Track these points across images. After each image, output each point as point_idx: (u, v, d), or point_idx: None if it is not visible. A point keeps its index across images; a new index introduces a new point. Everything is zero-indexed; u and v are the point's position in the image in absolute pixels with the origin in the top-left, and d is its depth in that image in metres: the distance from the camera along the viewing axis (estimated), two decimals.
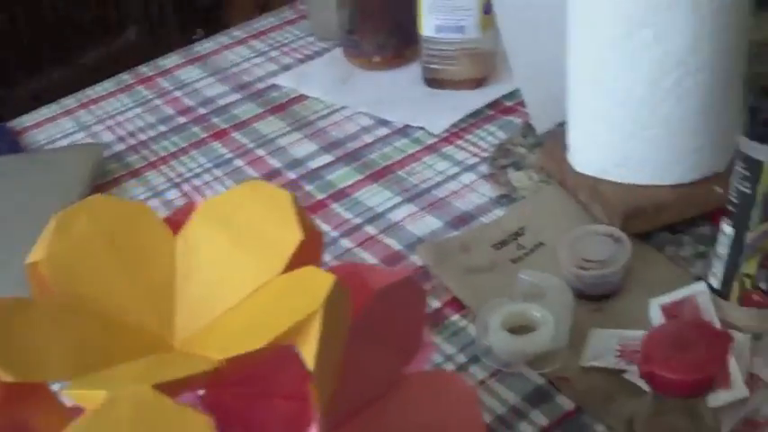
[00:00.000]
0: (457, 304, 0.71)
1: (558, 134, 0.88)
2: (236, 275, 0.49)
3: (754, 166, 0.60)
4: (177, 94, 1.11)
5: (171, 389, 0.41)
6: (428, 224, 0.80)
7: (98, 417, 0.39)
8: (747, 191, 0.60)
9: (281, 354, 0.45)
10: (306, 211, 0.51)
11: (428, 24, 0.99)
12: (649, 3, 0.68)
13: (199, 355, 0.45)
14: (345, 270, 0.51)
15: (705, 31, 0.68)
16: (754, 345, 0.61)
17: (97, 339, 0.48)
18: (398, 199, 0.85)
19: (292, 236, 0.49)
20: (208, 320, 0.49)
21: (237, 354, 0.43)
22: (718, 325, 0.61)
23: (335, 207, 0.85)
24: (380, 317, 0.49)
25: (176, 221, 0.56)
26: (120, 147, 1.01)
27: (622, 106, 0.72)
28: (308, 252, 0.50)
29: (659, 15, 0.68)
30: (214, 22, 1.92)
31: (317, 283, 0.45)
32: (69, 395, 0.41)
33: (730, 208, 0.62)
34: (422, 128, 0.95)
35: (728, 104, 0.73)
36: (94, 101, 1.12)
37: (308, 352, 0.42)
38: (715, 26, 0.68)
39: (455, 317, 0.70)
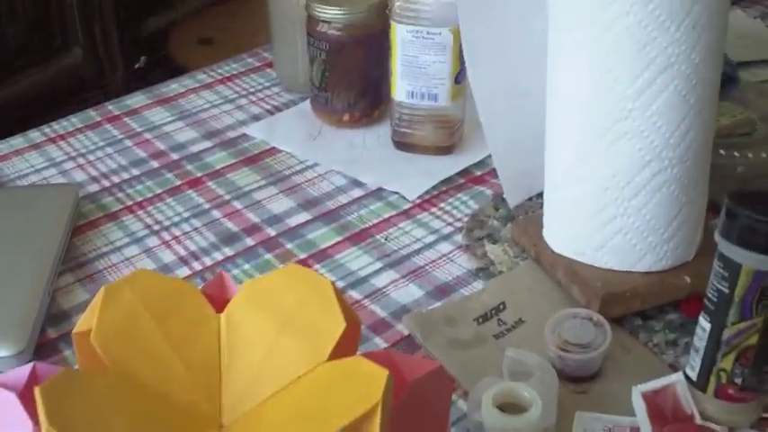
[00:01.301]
0: None
1: (528, 208, 0.93)
2: (282, 359, 0.52)
3: (732, 268, 0.65)
4: (147, 136, 1.12)
5: None
6: (411, 293, 0.84)
7: None
8: (725, 290, 0.66)
9: None
10: (344, 299, 0.54)
11: (400, 89, 1.03)
12: (627, 101, 0.73)
13: None
14: (381, 359, 0.54)
15: (683, 126, 0.74)
16: None
17: (149, 414, 0.50)
18: (379, 264, 0.88)
19: (336, 324, 0.52)
20: (255, 402, 0.51)
21: None
22: (696, 416, 0.67)
23: (319, 269, 0.88)
24: (414, 407, 0.53)
25: (210, 296, 0.59)
26: (94, 187, 1.02)
27: (601, 196, 0.77)
28: (348, 339, 0.53)
29: (636, 112, 0.73)
30: (157, 51, 1.92)
31: (372, 376, 0.48)
32: None
33: (708, 304, 0.68)
34: (396, 192, 0.98)
35: (698, 196, 0.79)
36: (62, 137, 1.12)
37: None
38: (694, 122, 0.74)
39: None
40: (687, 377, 0.70)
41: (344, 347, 0.52)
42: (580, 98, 0.76)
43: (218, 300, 0.58)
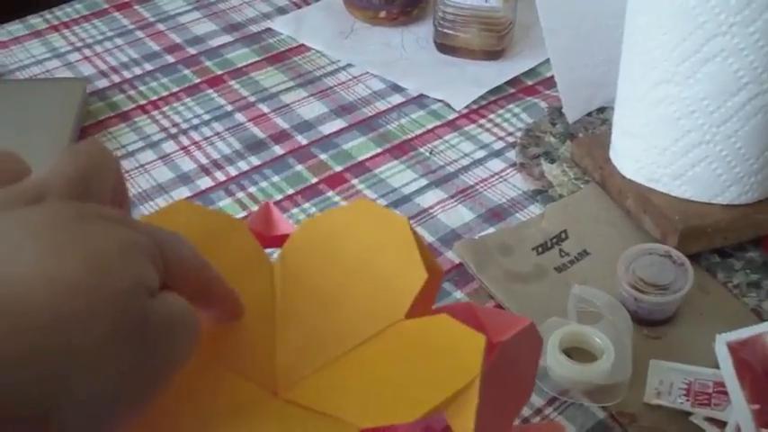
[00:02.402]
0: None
1: (588, 125, 0.84)
2: (350, 315, 0.44)
3: None
4: (161, 27, 1.02)
5: None
6: (461, 215, 0.76)
7: None
8: None
9: None
10: (423, 242, 0.46)
11: None
12: (728, 13, 0.64)
13: (331, 420, 0.39)
14: (463, 313, 0.46)
15: None
16: None
17: (187, 380, 0.42)
18: (424, 181, 0.80)
19: (417, 274, 0.44)
20: (316, 366, 0.43)
21: (383, 423, 0.38)
22: None
23: (357, 184, 0.79)
24: (503, 370, 0.45)
25: (257, 233, 0.50)
26: (103, 83, 0.93)
27: (687, 117, 0.68)
28: (428, 292, 0.45)
29: (737, 27, 0.64)
30: None
31: (465, 341, 0.40)
32: None
33: None
34: (440, 101, 0.89)
35: None
36: (65, 24, 1.02)
37: (465, 427, 0.38)
38: None
39: None
40: None
41: (423, 302, 0.44)
42: (671, 7, 0.66)
43: (266, 239, 0.50)
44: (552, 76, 0.85)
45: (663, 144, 0.70)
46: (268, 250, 0.50)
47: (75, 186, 0.35)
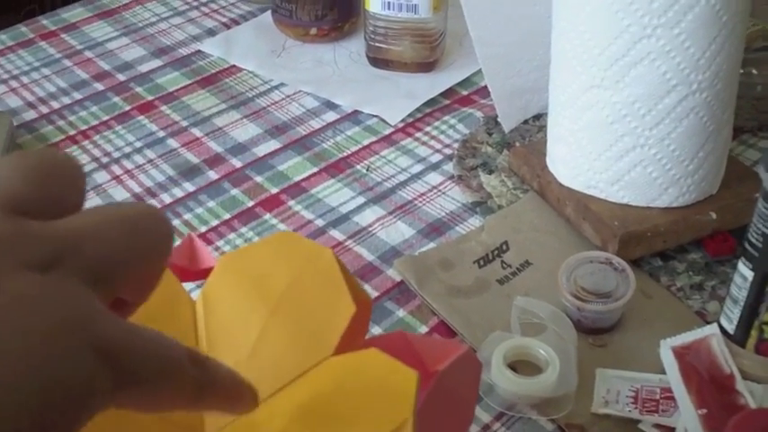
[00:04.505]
0: (445, 328, 0.66)
1: (525, 132, 0.84)
2: (275, 353, 0.43)
3: None
4: (89, 54, 1.00)
5: None
6: (400, 232, 0.75)
7: None
8: None
9: None
10: (349, 273, 0.45)
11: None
12: (651, 15, 0.63)
13: None
14: (396, 344, 0.45)
15: (715, 46, 0.65)
16: None
17: (109, 427, 0.40)
18: (362, 199, 0.78)
19: (344, 308, 0.43)
20: None
21: None
22: (737, 375, 0.59)
23: (293, 205, 0.78)
24: (440, 399, 0.44)
25: (180, 267, 0.49)
26: (31, 114, 0.91)
27: (619, 122, 0.68)
28: (357, 325, 0.44)
29: (661, 29, 0.63)
30: None
31: (397, 378, 0.39)
32: None
33: (750, 249, 0.59)
34: (375, 116, 0.88)
35: (726, 123, 0.70)
36: None
37: None
38: (726, 41, 0.65)
39: None
40: (723, 330, 0.62)
41: (353, 335, 0.43)
42: (594, 11, 0.65)
43: (189, 273, 0.48)
44: (486, 86, 0.85)
45: (597, 149, 0.70)
46: (192, 284, 0.48)
47: (22, 196, 0.27)
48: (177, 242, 0.56)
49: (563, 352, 0.62)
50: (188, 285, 0.50)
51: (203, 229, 0.75)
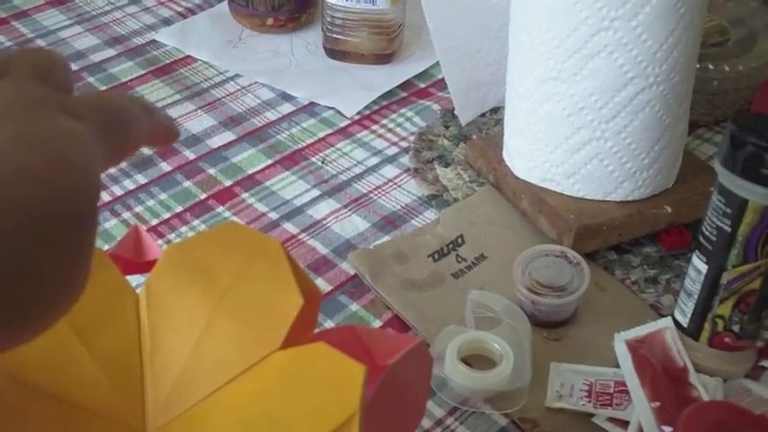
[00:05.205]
0: (399, 322, 0.66)
1: (482, 125, 0.83)
2: (223, 347, 0.42)
3: (736, 203, 0.57)
4: (40, 42, 0.98)
5: None
6: (354, 225, 0.74)
7: None
8: (726, 228, 0.57)
9: None
10: (299, 265, 0.44)
11: None
12: (609, 8, 0.63)
13: None
14: (345, 337, 0.44)
15: (672, 39, 0.64)
16: (724, 388, 0.59)
17: (49, 425, 0.39)
18: (316, 192, 0.78)
19: (292, 299, 0.42)
20: (188, 405, 0.41)
21: None
22: (690, 368, 0.59)
23: (247, 197, 0.77)
24: (390, 393, 0.43)
25: (124, 261, 0.47)
26: None
27: (576, 114, 0.68)
28: (306, 318, 0.43)
29: (619, 22, 0.63)
30: None
31: (344, 371, 0.38)
32: None
33: (704, 243, 0.59)
34: (331, 108, 0.87)
35: (682, 117, 0.70)
36: None
37: None
38: (683, 34, 0.65)
39: None
40: (677, 323, 0.62)
41: (301, 329, 0.42)
42: (552, 3, 0.65)
43: (135, 265, 0.47)
44: (444, 78, 0.84)
45: (554, 142, 0.69)
46: (137, 277, 0.47)
47: (39, 68, 0.33)
48: (123, 234, 0.55)
49: (517, 346, 0.61)
50: (135, 278, 0.49)
51: (155, 221, 0.74)
